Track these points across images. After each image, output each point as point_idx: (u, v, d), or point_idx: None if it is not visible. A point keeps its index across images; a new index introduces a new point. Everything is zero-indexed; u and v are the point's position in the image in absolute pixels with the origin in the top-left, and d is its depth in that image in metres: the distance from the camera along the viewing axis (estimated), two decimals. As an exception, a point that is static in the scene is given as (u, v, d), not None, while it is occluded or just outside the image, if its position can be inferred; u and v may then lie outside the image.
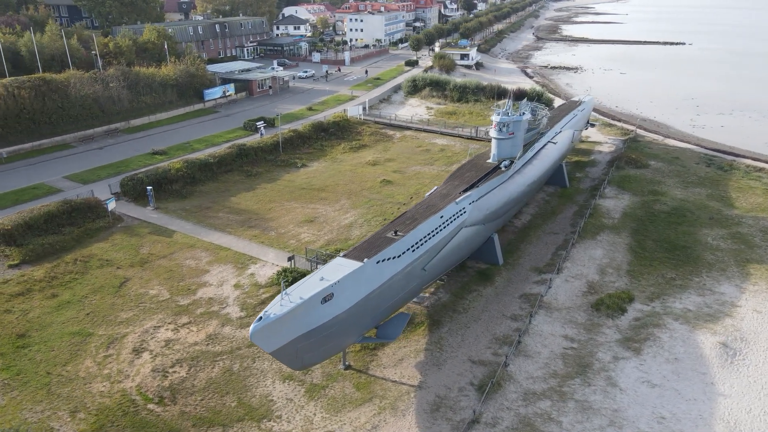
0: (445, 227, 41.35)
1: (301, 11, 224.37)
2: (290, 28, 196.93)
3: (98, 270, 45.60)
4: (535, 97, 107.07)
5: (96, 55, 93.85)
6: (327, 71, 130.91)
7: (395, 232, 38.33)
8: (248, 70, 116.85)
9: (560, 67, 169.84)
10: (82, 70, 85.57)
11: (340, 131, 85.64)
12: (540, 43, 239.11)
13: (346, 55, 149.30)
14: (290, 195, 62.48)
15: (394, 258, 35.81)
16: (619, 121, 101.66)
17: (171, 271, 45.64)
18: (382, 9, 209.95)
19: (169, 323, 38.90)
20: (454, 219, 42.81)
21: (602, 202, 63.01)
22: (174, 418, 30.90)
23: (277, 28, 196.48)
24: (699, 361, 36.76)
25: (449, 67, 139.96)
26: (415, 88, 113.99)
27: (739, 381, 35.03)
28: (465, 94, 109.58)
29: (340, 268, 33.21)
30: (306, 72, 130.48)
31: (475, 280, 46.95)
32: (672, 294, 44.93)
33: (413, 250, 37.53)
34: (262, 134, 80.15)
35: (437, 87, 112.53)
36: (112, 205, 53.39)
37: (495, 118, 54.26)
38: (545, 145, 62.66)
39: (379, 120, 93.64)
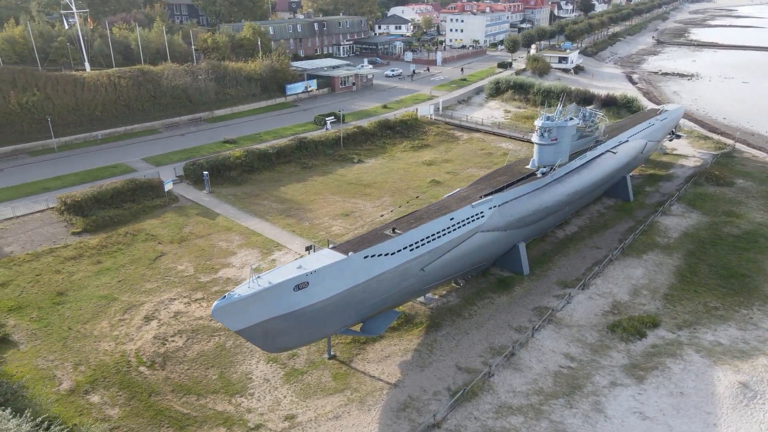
0: (454, 230, 40.79)
1: (408, 11, 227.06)
2: (391, 28, 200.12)
3: (142, 243, 50.22)
4: (625, 105, 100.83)
5: (194, 49, 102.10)
6: (414, 71, 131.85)
7: (393, 230, 38.50)
8: (336, 67, 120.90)
9: (673, 74, 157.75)
10: (179, 63, 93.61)
11: (406, 130, 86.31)
12: (658, 47, 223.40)
13: (438, 56, 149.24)
14: (337, 188, 64.34)
15: (386, 255, 36.03)
16: (718, 133, 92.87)
17: (203, 251, 49.15)
18: (487, 9, 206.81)
19: (184, 297, 42.09)
20: (468, 222, 42.06)
21: (663, 220, 58.35)
22: (158, 381, 33.64)
23: (378, 28, 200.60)
24: (708, 398, 33.32)
25: (543, 70, 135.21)
26: (497, 91, 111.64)
27: (749, 427, 31.34)
28: (548, 98, 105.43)
29: (322, 258, 34.13)
30: (393, 71, 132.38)
31: (492, 287, 45.78)
32: (707, 324, 40.89)
33: (411, 249, 37.50)
34: (327, 128, 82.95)
35: (520, 90, 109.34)
36: (169, 186, 58.38)
37: (538, 122, 52.25)
38: (602, 154, 59.14)
39: (450, 121, 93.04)
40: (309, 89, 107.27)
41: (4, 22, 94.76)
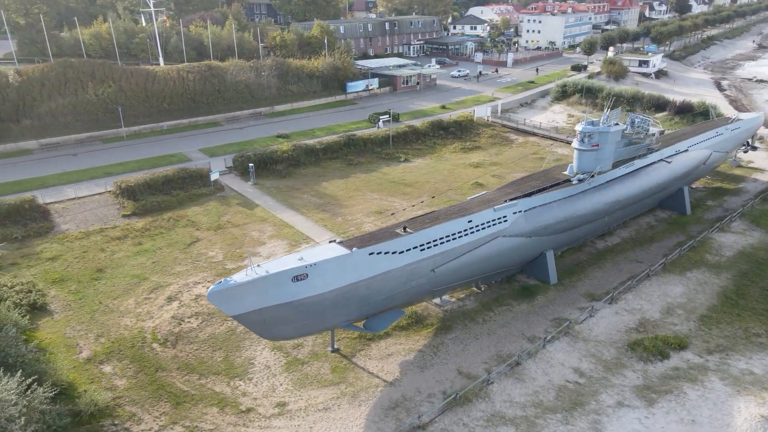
0: (472, 232, 40.14)
1: (487, 11, 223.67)
2: (467, 28, 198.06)
3: (182, 229, 53.06)
4: (703, 112, 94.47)
5: (261, 46, 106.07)
6: (480, 72, 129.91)
7: (404, 228, 38.40)
8: (401, 66, 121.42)
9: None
10: (245, 59, 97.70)
11: (459, 131, 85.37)
12: (759, 52, 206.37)
13: (509, 57, 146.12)
14: (378, 186, 64.83)
15: (393, 253, 36.06)
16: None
17: (235, 239, 51.23)
18: (569, 10, 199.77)
19: (209, 281, 44.08)
20: (489, 226, 41.22)
21: (718, 236, 54.32)
22: (166, 358, 35.57)
23: (454, 28, 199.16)
24: (722, 430, 30.80)
25: (619, 74, 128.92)
26: (563, 94, 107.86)
27: (763, 465, 28.73)
28: (618, 103, 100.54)
29: (325, 252, 34.68)
30: (460, 71, 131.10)
31: (513, 294, 44.59)
32: (742, 351, 37.75)
33: (421, 249, 37.30)
34: (378, 127, 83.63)
35: (588, 94, 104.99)
36: (214, 176, 61.24)
37: (578, 126, 50.16)
38: (653, 163, 55.83)
39: (507, 123, 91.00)
40: (370, 87, 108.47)
41: (93, 19, 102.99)
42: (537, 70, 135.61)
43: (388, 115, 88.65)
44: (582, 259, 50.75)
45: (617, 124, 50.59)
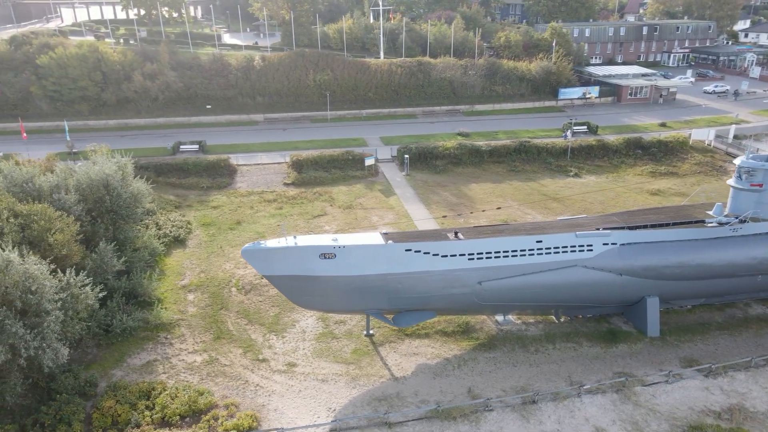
0: (539, 254, 37.25)
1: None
2: (762, 37, 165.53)
3: (320, 202, 59.77)
4: None
5: (486, 46, 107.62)
6: (739, 90, 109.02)
7: (455, 233, 37.60)
8: (645, 76, 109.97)
9: None
10: (458, 58, 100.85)
11: (662, 152, 74.81)
12: None
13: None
14: (525, 197, 62.12)
15: (433, 255, 36.04)
16: None
17: (354, 220, 55.71)
18: None
19: (308, 250, 49.48)
20: (564, 251, 37.62)
21: None
22: (234, 302, 42.03)
23: (745, 36, 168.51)
24: None
25: None
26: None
27: None
28: None
29: (362, 238, 36.56)
30: (717, 87, 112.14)
31: (593, 334, 39.63)
32: None
33: (468, 258, 36.35)
34: (565, 137, 78.49)
35: None
36: (369, 162, 66.62)
37: (738, 160, 40.91)
38: None
39: (732, 151, 75.96)
40: (587, 96, 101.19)
41: (343, 16, 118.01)
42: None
43: (586, 126, 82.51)
44: (714, 319, 41.75)
45: (793, 160, 39.69)
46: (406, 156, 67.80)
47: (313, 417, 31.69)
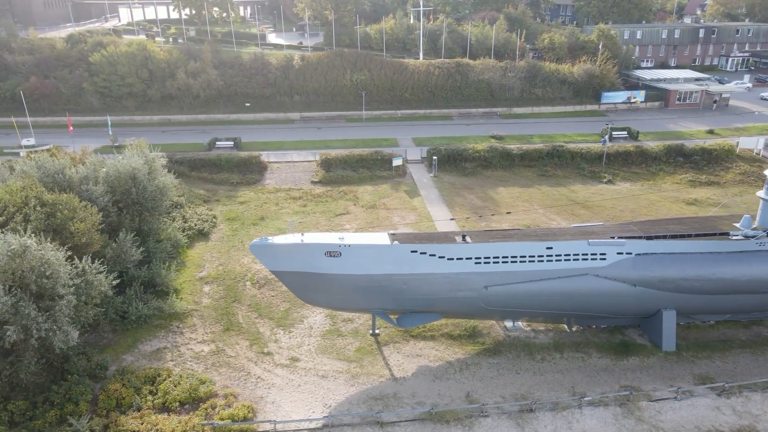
0: (548, 260, 36.58)
1: None
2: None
3: (343, 201, 60.38)
4: None
5: (529, 47, 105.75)
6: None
7: (463, 237, 37.31)
8: (697, 80, 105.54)
9: None
10: (498, 59, 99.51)
11: (705, 161, 71.58)
12: None
13: None
14: (553, 202, 60.84)
15: (439, 257, 35.95)
16: None
17: (375, 219, 56.03)
18: None
19: (325, 247, 50.12)
20: (575, 259, 36.81)
21: None
22: (247, 295, 43.10)
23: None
24: None
25: None
26: None
27: None
28: None
29: (368, 238, 36.82)
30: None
31: (604, 346, 38.58)
32: None
33: (475, 262, 36.09)
34: (603, 142, 76.13)
35: None
36: (396, 163, 66.79)
37: (767, 171, 38.91)
38: None
39: (783, 161, 71.93)
40: (633, 100, 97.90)
41: (386, 16, 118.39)
42: None
43: (627, 132, 79.99)
44: (738, 337, 39.83)
45: (836, 175, 37.36)
46: (434, 157, 67.58)
47: (308, 412, 32.21)
